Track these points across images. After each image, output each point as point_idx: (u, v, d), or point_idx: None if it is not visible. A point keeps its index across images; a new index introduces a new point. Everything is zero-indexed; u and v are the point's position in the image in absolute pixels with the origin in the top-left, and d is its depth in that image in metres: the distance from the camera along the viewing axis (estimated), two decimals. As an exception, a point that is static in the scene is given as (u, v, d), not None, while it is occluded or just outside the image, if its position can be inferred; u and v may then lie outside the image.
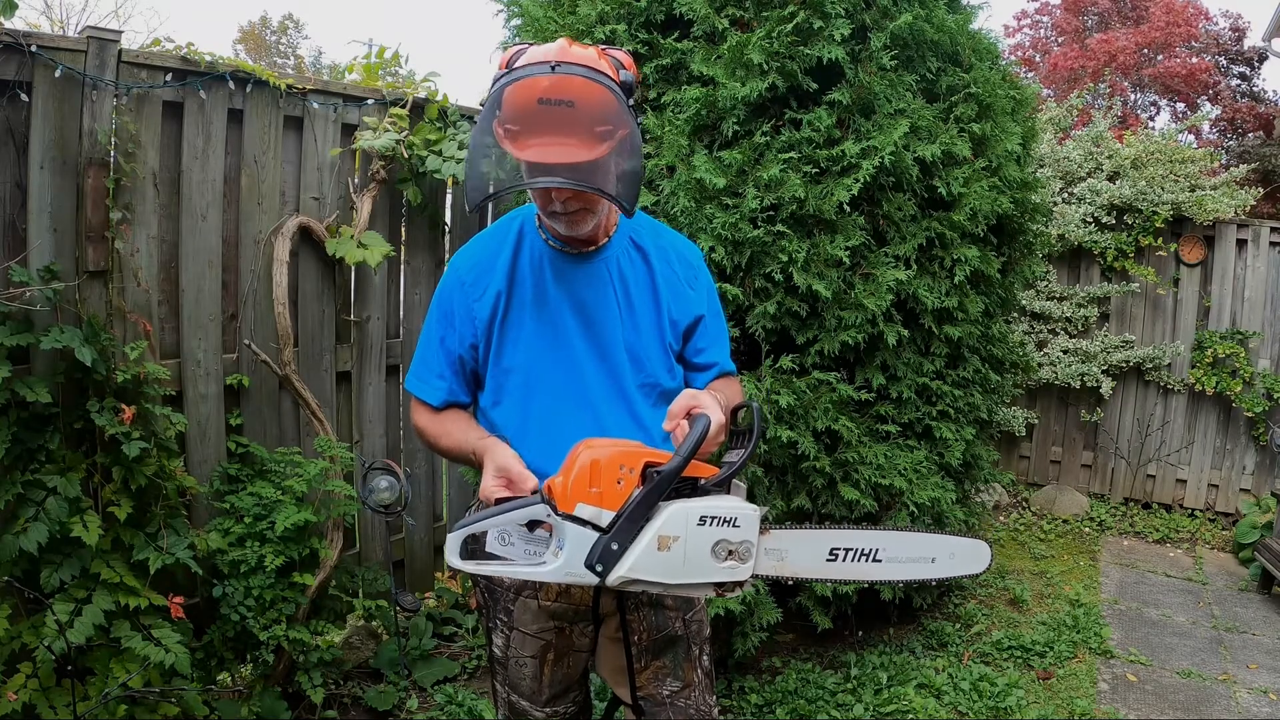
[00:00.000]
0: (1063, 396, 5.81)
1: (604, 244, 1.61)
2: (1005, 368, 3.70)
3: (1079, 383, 5.56)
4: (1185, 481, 5.62)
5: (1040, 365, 5.55)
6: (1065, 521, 5.45)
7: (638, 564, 1.28)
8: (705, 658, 1.74)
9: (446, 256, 3.55)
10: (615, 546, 1.28)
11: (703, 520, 1.30)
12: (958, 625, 3.75)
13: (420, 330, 1.72)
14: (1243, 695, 3.31)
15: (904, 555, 1.53)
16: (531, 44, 1.43)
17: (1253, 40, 13.19)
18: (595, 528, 1.28)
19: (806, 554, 1.47)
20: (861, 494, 2.91)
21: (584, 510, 1.27)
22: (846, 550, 1.48)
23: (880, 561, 1.50)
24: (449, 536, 1.38)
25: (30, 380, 2.18)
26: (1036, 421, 5.87)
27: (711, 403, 1.42)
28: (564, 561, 1.29)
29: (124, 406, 2.28)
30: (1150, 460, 5.67)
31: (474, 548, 1.56)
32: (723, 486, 1.36)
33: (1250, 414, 5.31)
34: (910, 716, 2.98)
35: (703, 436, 1.31)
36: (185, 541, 2.40)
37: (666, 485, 1.28)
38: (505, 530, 1.49)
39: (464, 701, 2.90)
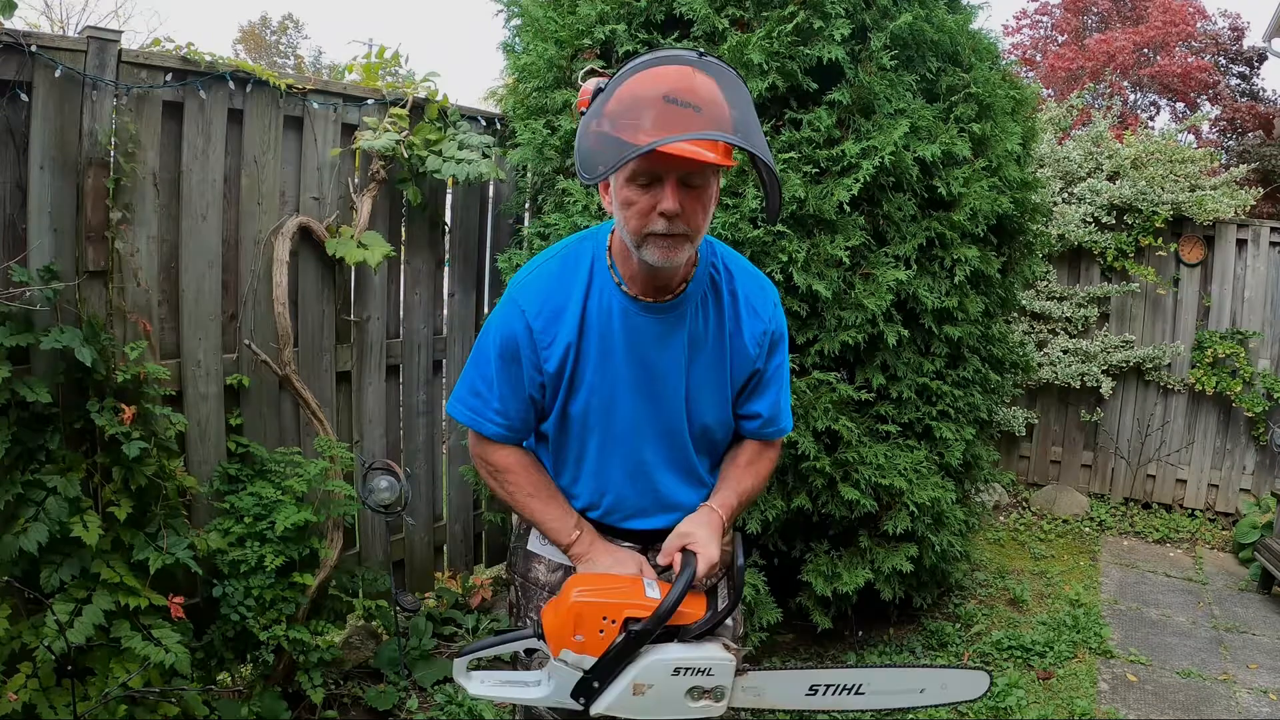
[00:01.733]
0: (1063, 396, 5.81)
1: (681, 292, 1.50)
2: (1005, 368, 3.70)
3: (1079, 383, 5.56)
4: (1185, 481, 5.62)
5: (1040, 365, 5.55)
6: (1065, 521, 5.45)
7: (614, 704, 1.41)
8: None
9: (446, 256, 3.55)
10: (596, 684, 1.40)
11: (677, 671, 1.40)
12: (958, 625, 3.75)
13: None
14: (1243, 695, 3.31)
15: (889, 689, 1.56)
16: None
17: (1252, 40, 13.20)
18: (580, 669, 1.41)
19: (784, 691, 1.52)
20: (861, 494, 2.91)
21: (568, 655, 1.41)
22: (827, 686, 1.51)
23: (863, 694, 1.53)
24: (456, 661, 1.52)
25: (30, 380, 2.18)
26: (1036, 421, 5.87)
27: (707, 538, 1.46)
28: (553, 690, 1.44)
29: (124, 406, 2.28)
30: (1150, 460, 5.67)
31: (517, 544, 1.73)
32: (708, 633, 1.44)
33: (1250, 414, 5.31)
34: (910, 716, 2.97)
35: (682, 594, 1.38)
36: (185, 541, 2.40)
37: (641, 643, 1.39)
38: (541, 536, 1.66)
39: (464, 701, 2.90)
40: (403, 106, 3.14)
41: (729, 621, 1.47)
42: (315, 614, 2.80)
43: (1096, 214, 5.47)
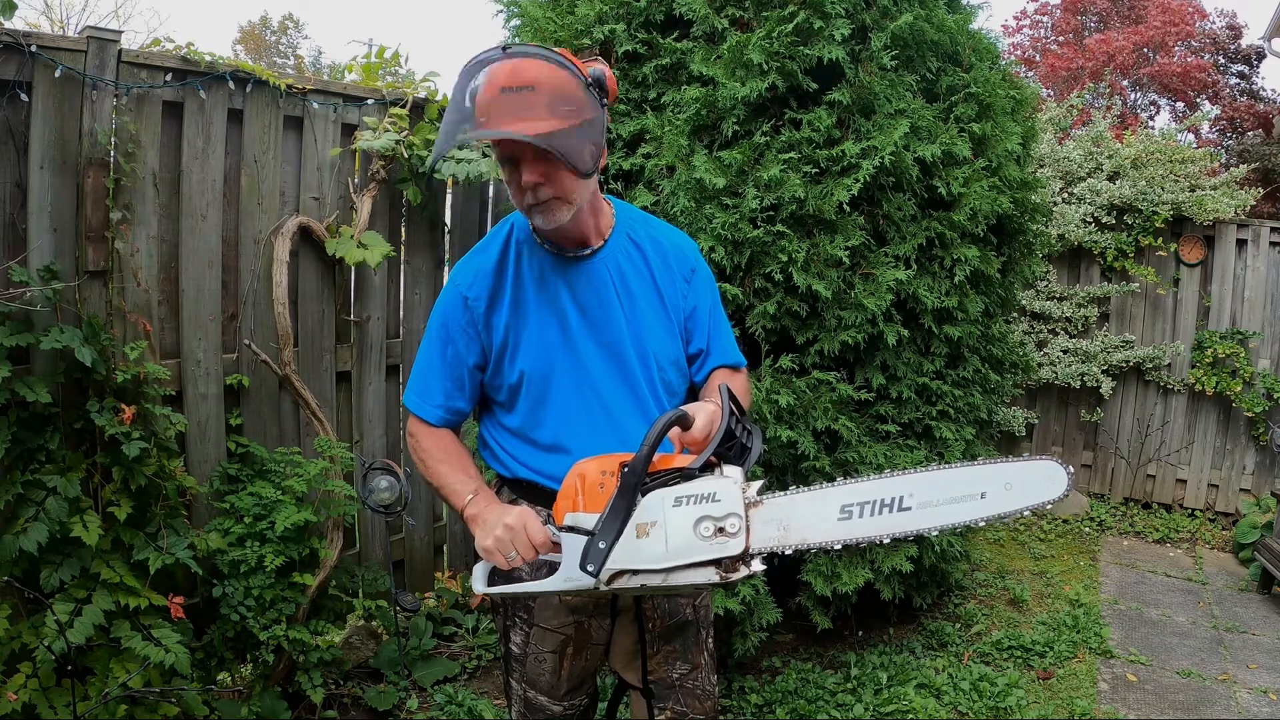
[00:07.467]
0: (1063, 396, 5.81)
1: (600, 246, 1.63)
2: (1005, 368, 3.70)
3: (1079, 383, 5.56)
4: (1185, 481, 5.62)
5: (1040, 365, 5.55)
6: (1065, 521, 5.45)
7: (620, 555, 1.30)
8: (710, 640, 1.81)
9: (447, 256, 3.55)
10: (602, 545, 1.31)
11: (678, 501, 1.31)
12: (958, 625, 3.75)
13: (420, 334, 1.73)
14: (1243, 695, 3.31)
15: (940, 498, 1.33)
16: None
17: (1250, 39, 13.20)
18: (585, 532, 1.33)
19: (812, 518, 1.35)
20: (861, 494, 2.91)
21: (572, 518, 1.34)
22: (862, 505, 1.34)
23: (910, 509, 1.32)
24: (476, 566, 1.48)
25: (30, 380, 2.18)
26: (1036, 421, 5.87)
27: (699, 406, 1.45)
28: (563, 568, 1.35)
29: (124, 406, 2.28)
30: (1150, 460, 5.67)
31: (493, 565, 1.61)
32: (708, 470, 1.35)
33: (1250, 414, 5.31)
34: (910, 716, 2.97)
35: (665, 427, 1.34)
36: (185, 541, 2.40)
37: (635, 477, 1.31)
38: None
39: (464, 701, 2.90)
40: (402, 106, 3.14)
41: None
42: (315, 614, 2.80)
43: (1096, 214, 5.47)
